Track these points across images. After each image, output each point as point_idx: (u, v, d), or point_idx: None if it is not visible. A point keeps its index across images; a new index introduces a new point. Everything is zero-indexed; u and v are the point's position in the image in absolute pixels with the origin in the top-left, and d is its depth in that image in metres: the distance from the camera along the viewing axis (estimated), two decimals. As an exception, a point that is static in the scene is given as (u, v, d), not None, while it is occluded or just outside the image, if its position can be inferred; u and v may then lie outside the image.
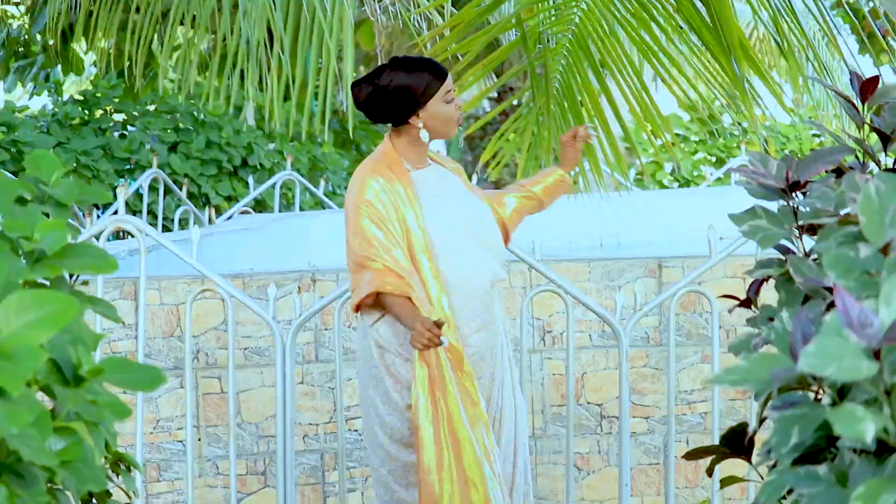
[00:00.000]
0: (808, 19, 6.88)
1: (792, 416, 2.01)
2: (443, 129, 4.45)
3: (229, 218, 9.55)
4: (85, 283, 3.46)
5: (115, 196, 10.12)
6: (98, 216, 10.11)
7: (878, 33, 6.38)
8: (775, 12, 5.44)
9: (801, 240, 2.66)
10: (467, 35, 5.70)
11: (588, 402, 6.32)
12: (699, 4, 5.52)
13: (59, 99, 11.43)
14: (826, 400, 2.06)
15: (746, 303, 2.88)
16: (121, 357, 2.08)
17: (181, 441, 5.94)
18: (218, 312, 5.93)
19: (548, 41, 5.75)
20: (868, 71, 5.74)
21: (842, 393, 1.97)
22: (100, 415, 2.09)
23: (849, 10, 6.38)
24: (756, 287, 2.86)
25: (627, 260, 6.38)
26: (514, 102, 6.84)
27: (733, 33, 5.31)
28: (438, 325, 4.14)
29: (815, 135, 12.35)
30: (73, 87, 16.41)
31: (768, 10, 5.50)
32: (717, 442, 5.62)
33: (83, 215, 8.20)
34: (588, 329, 6.27)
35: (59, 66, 12.72)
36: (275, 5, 6.69)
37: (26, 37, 12.93)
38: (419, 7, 7.42)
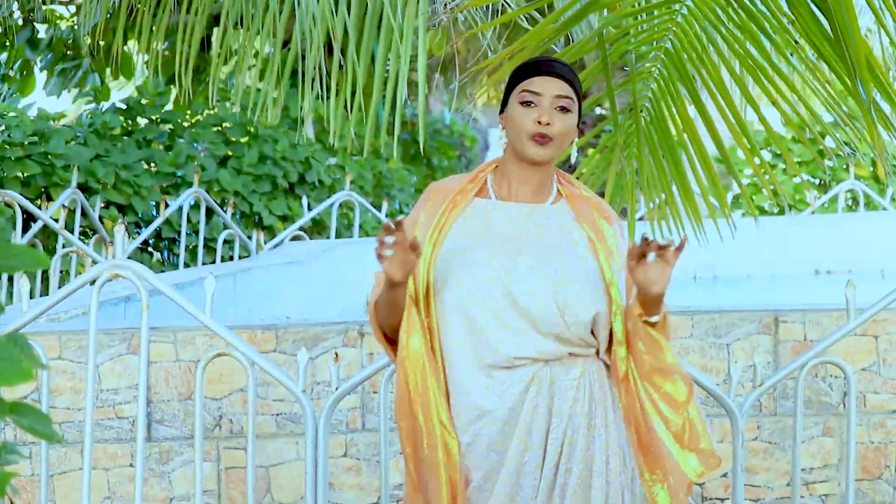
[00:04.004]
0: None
1: None
2: (516, 141, 3.25)
3: (278, 244, 8.58)
4: None
5: (157, 212, 9.22)
6: (138, 233, 9.19)
7: None
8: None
9: None
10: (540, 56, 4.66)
11: (686, 482, 5.29)
12: (820, 16, 4.50)
13: (98, 107, 10.48)
14: None
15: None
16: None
17: (200, 522, 4.96)
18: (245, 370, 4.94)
19: (634, 62, 4.71)
20: None
21: None
22: None
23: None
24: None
25: (738, 313, 5.33)
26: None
27: (860, 49, 4.27)
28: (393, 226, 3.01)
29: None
30: (123, 90, 15.54)
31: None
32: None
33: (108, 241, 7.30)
34: (688, 395, 5.24)
35: (108, 70, 11.85)
36: (335, 10, 5.84)
37: (73, 38, 12.08)
38: (492, 19, 6.44)
